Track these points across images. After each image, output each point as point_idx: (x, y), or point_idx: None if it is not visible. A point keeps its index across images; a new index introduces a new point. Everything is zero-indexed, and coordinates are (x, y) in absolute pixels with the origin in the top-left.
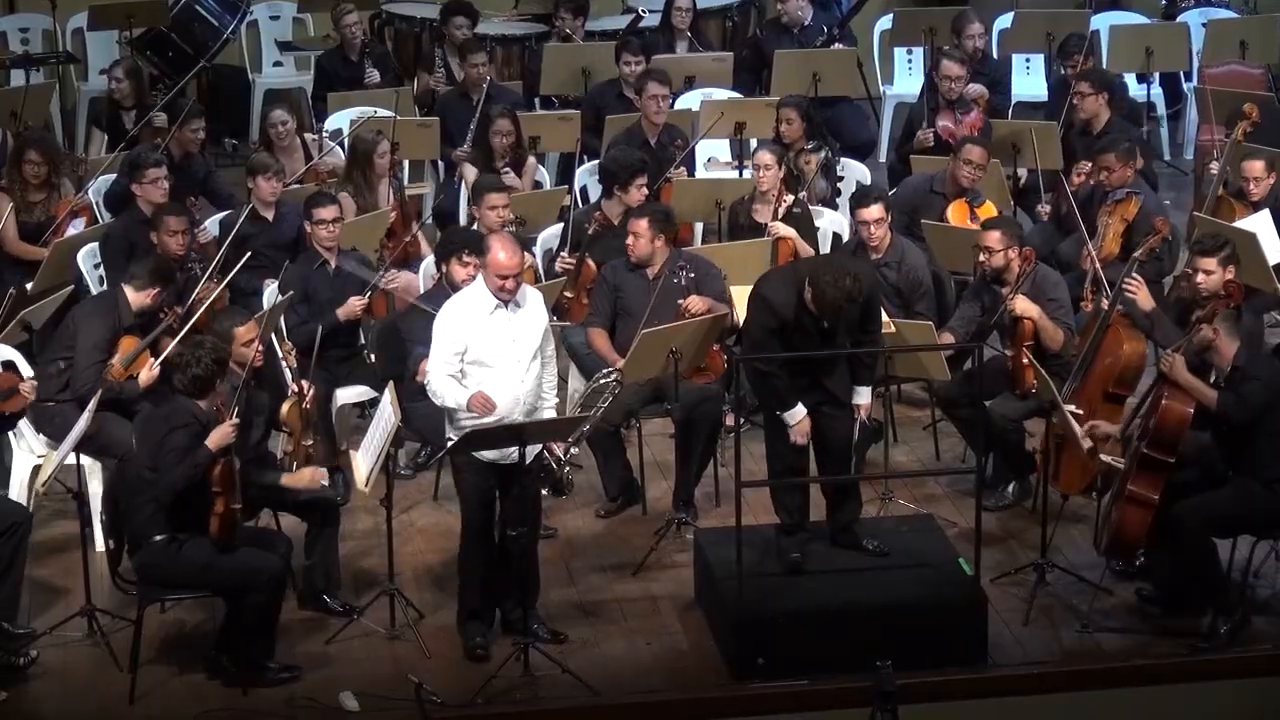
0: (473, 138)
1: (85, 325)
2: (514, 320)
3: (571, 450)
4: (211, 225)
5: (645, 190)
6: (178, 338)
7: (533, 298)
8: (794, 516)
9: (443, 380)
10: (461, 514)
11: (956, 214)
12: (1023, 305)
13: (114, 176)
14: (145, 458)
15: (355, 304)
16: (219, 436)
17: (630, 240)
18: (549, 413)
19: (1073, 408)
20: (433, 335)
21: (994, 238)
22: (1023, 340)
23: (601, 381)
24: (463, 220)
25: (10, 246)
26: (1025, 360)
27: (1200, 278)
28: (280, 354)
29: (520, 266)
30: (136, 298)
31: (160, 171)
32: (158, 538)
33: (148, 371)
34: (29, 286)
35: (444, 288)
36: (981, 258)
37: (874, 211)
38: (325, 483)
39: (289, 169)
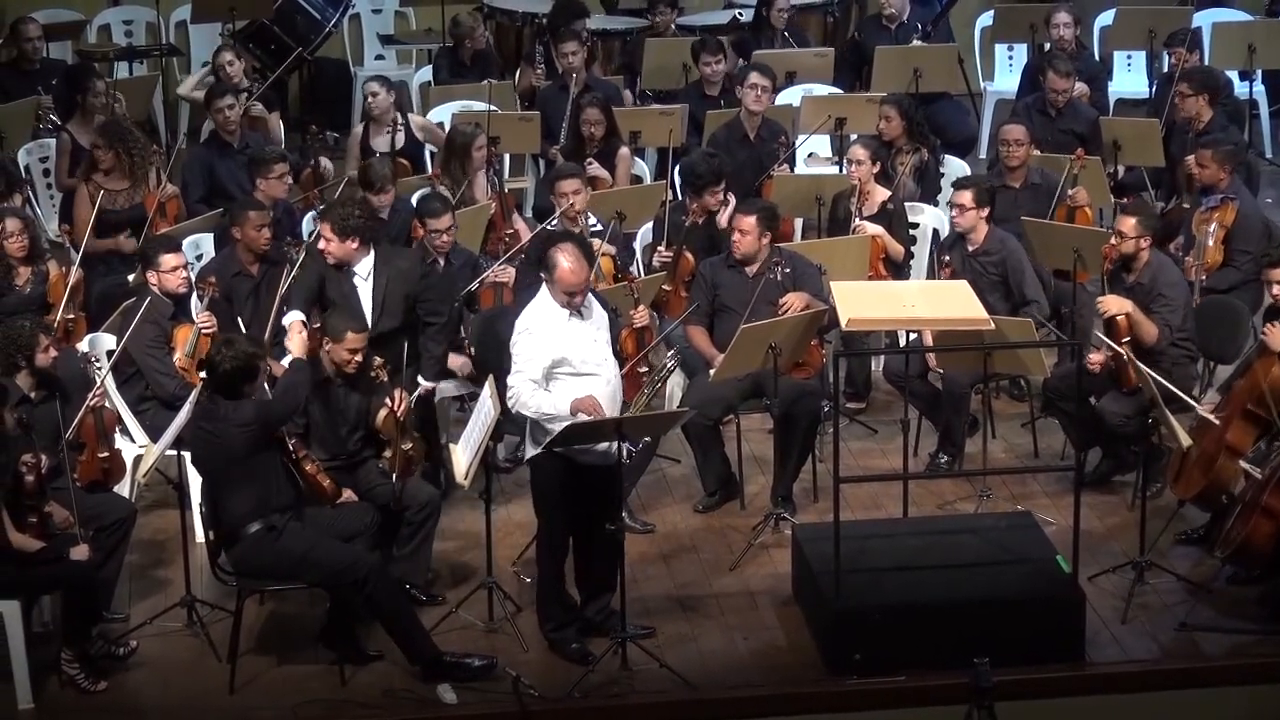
0: (567, 129)
1: (131, 335)
2: (588, 322)
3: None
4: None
5: (719, 197)
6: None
7: (590, 296)
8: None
9: (531, 391)
10: (545, 521)
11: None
12: (1114, 304)
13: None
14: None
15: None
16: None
17: (736, 237)
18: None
19: (1208, 414)
20: (514, 351)
21: (1130, 224)
22: (1119, 337)
23: (666, 370)
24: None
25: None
26: (1127, 357)
27: (1276, 290)
28: (372, 365)
29: (588, 280)
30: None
31: (284, 166)
32: (254, 528)
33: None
34: (131, 278)
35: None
36: (1113, 240)
37: (959, 196)
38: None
39: (378, 146)
